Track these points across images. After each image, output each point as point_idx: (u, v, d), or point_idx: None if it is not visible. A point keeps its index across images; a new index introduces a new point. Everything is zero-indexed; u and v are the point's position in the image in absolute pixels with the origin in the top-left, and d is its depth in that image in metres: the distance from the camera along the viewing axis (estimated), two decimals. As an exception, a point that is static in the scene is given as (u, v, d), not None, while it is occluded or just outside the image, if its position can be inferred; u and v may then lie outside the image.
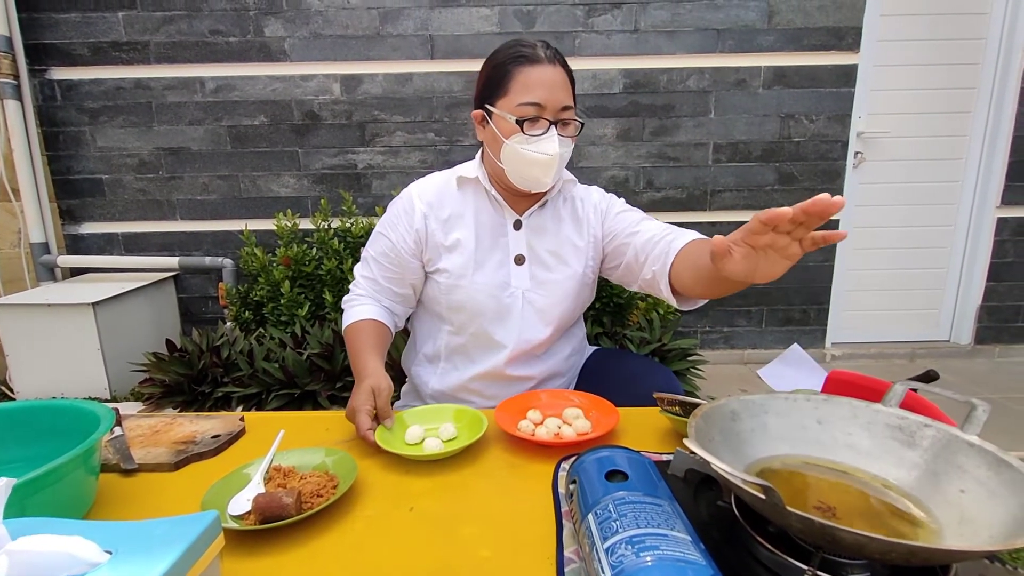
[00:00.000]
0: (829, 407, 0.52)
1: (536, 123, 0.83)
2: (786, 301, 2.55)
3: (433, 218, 0.93)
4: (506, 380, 0.97)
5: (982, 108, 2.46)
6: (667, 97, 2.32)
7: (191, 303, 2.44)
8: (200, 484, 0.63)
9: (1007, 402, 2.12)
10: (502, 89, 0.85)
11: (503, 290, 0.93)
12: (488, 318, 0.93)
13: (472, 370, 0.97)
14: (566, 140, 0.86)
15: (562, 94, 0.84)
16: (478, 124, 0.92)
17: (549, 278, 0.95)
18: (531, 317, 0.94)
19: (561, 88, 0.84)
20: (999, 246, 2.51)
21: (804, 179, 2.42)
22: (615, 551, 0.41)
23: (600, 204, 0.99)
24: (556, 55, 0.85)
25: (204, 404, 1.73)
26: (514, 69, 0.83)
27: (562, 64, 0.86)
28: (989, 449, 0.41)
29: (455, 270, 0.92)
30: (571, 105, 0.86)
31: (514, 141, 0.84)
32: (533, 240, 0.95)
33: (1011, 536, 0.33)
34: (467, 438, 0.72)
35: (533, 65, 0.83)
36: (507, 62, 0.84)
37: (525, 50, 0.84)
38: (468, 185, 0.94)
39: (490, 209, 0.94)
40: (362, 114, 2.28)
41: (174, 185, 2.33)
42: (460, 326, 0.96)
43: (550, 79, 0.83)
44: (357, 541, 0.56)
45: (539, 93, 0.82)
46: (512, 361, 0.96)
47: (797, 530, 0.35)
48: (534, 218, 0.95)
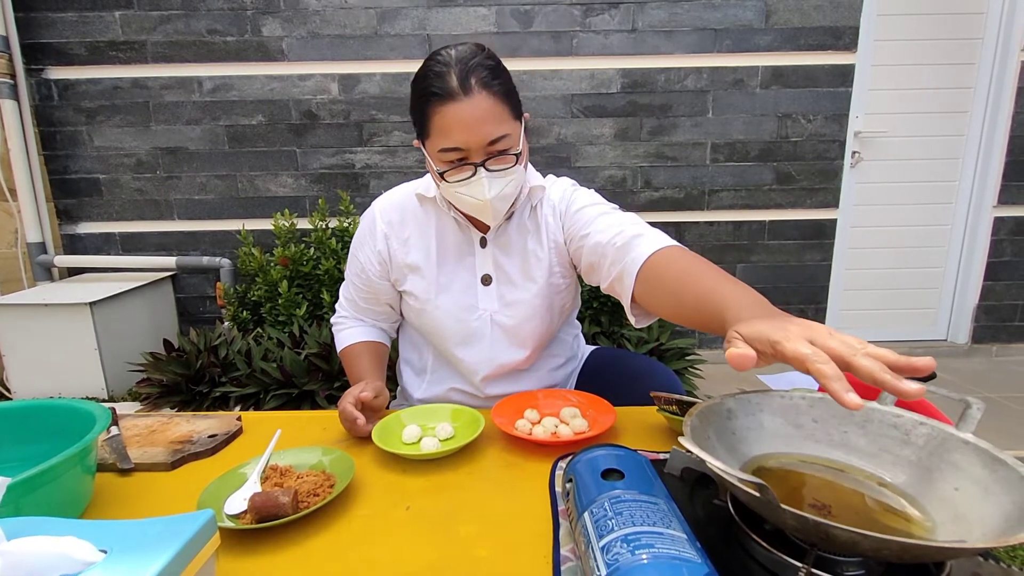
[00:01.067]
0: (825, 405, 0.52)
1: (461, 168, 0.75)
2: (784, 301, 2.55)
3: (395, 238, 0.88)
4: (490, 399, 0.93)
5: (979, 108, 2.47)
6: (665, 97, 2.32)
7: (189, 303, 2.43)
8: (197, 484, 0.62)
9: (1005, 401, 2.13)
10: (424, 129, 0.76)
11: (470, 313, 0.87)
12: (455, 342, 0.88)
13: (456, 386, 0.95)
14: (502, 174, 0.75)
15: (488, 127, 0.72)
16: None
17: (517, 298, 0.87)
18: (502, 340, 0.88)
19: (486, 121, 0.72)
20: (996, 245, 2.52)
21: (802, 179, 2.42)
22: (610, 549, 0.41)
23: (559, 205, 0.87)
24: (478, 78, 0.71)
25: (202, 404, 1.72)
26: (428, 109, 0.73)
27: (486, 85, 0.72)
28: (984, 447, 0.41)
29: (419, 293, 0.88)
30: (503, 134, 0.73)
31: (446, 187, 0.78)
32: (500, 258, 0.87)
33: (1004, 533, 0.33)
34: (464, 437, 0.72)
35: (446, 103, 0.71)
36: (422, 99, 0.74)
37: (436, 84, 0.71)
38: (429, 204, 0.88)
39: (453, 227, 0.87)
40: (360, 114, 2.28)
41: (171, 185, 2.33)
42: (436, 346, 0.95)
43: (468, 116, 0.71)
44: (354, 540, 0.55)
45: (459, 136, 0.72)
46: (490, 382, 0.92)
47: (792, 528, 0.35)
48: (500, 233, 0.87)
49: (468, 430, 0.74)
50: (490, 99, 0.72)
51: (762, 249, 2.49)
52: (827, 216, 2.47)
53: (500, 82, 0.74)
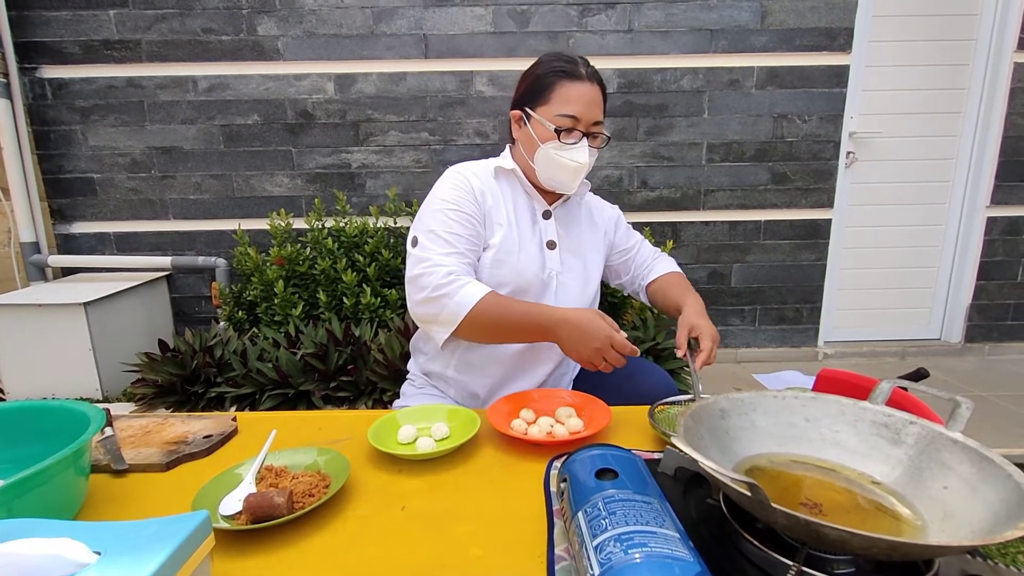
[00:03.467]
0: (817, 405, 0.53)
1: (571, 133, 0.92)
2: (779, 300, 2.56)
3: (488, 194, 0.98)
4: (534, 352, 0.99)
5: (972, 109, 2.48)
6: (661, 97, 2.33)
7: (184, 303, 2.42)
8: (191, 484, 0.62)
9: (997, 400, 2.14)
10: (543, 98, 0.92)
11: (542, 269, 1.00)
12: (532, 295, 0.98)
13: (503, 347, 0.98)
14: (594, 151, 0.95)
15: (596, 110, 0.92)
16: (515, 123, 1.00)
17: (576, 264, 1.03)
18: (563, 296, 1.01)
19: (596, 105, 0.92)
20: (989, 245, 2.54)
21: (797, 179, 2.43)
22: (604, 548, 0.41)
23: (613, 217, 1.14)
24: (595, 74, 0.94)
25: (197, 404, 1.72)
26: (557, 81, 0.91)
27: (599, 83, 0.94)
28: (972, 446, 0.42)
29: (503, 245, 0.96)
30: (602, 120, 0.94)
31: (549, 147, 0.92)
32: (561, 230, 1.03)
33: (991, 532, 0.34)
34: (460, 437, 0.72)
35: (574, 81, 0.91)
36: (551, 73, 0.92)
37: (568, 66, 0.92)
38: (504, 175, 1.01)
39: (524, 198, 1.01)
40: (356, 113, 2.27)
41: (167, 184, 2.32)
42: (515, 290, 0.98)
43: (588, 96, 0.91)
44: (349, 540, 0.56)
45: (577, 107, 0.90)
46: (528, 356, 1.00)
47: (782, 526, 0.36)
48: (559, 211, 1.04)
49: (464, 430, 0.74)
50: (600, 94, 0.94)
51: (757, 249, 2.50)
52: (822, 216, 2.49)
53: (604, 91, 0.95)
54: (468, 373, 1.00)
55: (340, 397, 1.71)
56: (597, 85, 0.93)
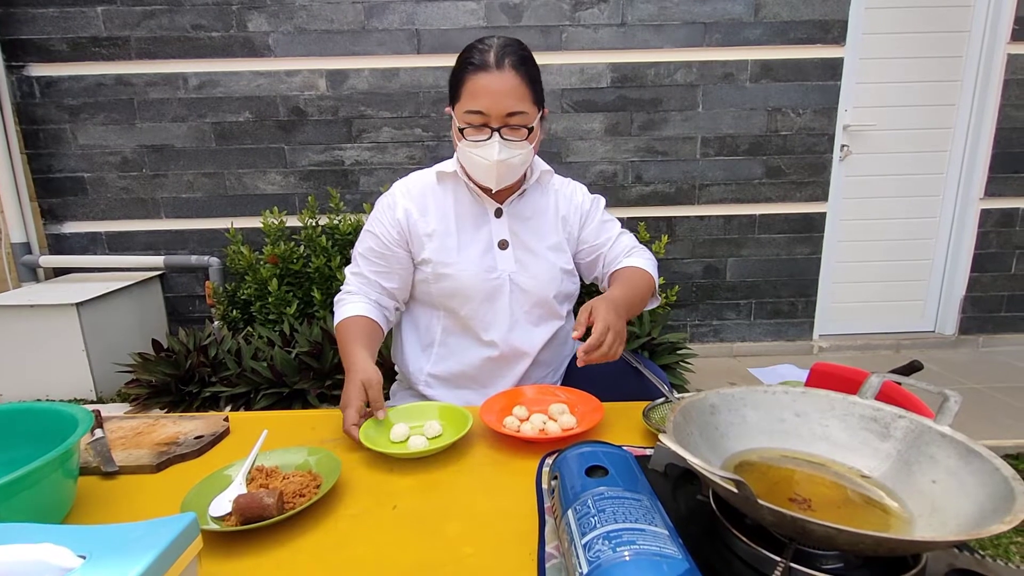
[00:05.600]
0: (807, 400, 0.53)
1: (479, 130, 0.87)
2: (774, 294, 2.57)
3: (415, 210, 0.96)
4: (501, 361, 0.98)
5: (966, 100, 2.48)
6: (655, 91, 2.32)
7: (178, 302, 2.41)
8: (182, 486, 0.62)
9: (990, 391, 2.16)
10: (457, 94, 0.89)
11: (490, 272, 0.96)
12: (478, 300, 0.96)
13: (468, 352, 0.98)
14: (513, 144, 0.88)
15: (508, 100, 0.85)
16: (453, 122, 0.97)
17: (535, 263, 0.98)
18: (521, 299, 0.98)
19: (507, 95, 0.84)
20: (982, 237, 2.55)
21: (791, 172, 2.43)
22: (592, 546, 0.41)
23: (584, 206, 1.03)
24: (512, 60, 0.85)
25: (191, 404, 1.71)
26: (464, 76, 0.86)
27: (516, 67, 0.85)
28: (960, 439, 0.42)
29: (438, 257, 0.95)
30: (521, 110, 0.86)
31: (463, 145, 0.89)
32: (516, 226, 0.98)
33: (977, 526, 0.34)
34: (452, 435, 0.72)
35: (480, 72, 0.84)
36: (460, 68, 0.88)
37: (475, 56, 0.85)
38: (448, 179, 0.98)
39: (469, 199, 0.98)
40: (348, 110, 2.26)
41: (158, 183, 2.30)
42: (453, 311, 0.97)
43: (496, 86, 0.84)
44: (340, 540, 0.55)
45: (482, 101, 0.85)
46: (506, 340, 0.97)
47: (770, 523, 0.36)
48: (514, 206, 0.99)
49: (456, 428, 0.74)
50: (516, 79, 0.85)
51: (752, 243, 2.50)
52: (816, 209, 2.49)
53: (527, 69, 0.87)
54: (439, 388, 1.00)
55: (336, 396, 1.70)
56: (512, 70, 0.84)
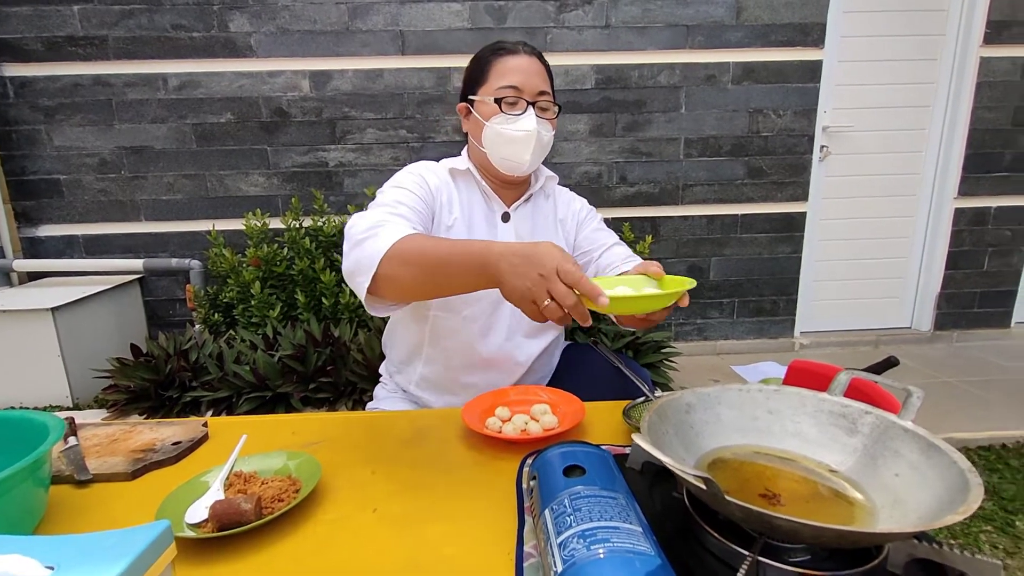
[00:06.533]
0: (780, 397, 0.54)
1: (515, 104, 0.88)
2: (757, 292, 2.61)
3: (444, 194, 0.92)
4: (493, 371, 0.96)
5: (940, 103, 2.55)
6: (639, 93, 2.34)
7: (158, 306, 2.37)
8: (159, 493, 0.61)
9: (964, 385, 2.21)
10: (483, 78, 0.91)
11: None
12: (482, 306, 0.94)
13: (461, 355, 0.95)
14: (544, 121, 0.90)
15: (538, 80, 0.89)
16: (464, 118, 0.97)
17: None
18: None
19: (537, 75, 0.90)
20: (956, 235, 2.61)
21: (772, 173, 2.47)
22: (567, 545, 0.41)
23: (580, 213, 1.05)
24: (534, 50, 0.92)
25: (172, 410, 1.69)
26: (494, 59, 0.90)
27: (539, 58, 0.92)
28: (921, 434, 0.43)
29: None
30: (547, 91, 0.91)
31: (494, 122, 0.89)
32: (522, 232, 0.97)
33: (936, 517, 0.35)
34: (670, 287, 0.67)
35: (511, 55, 0.89)
36: (487, 55, 0.92)
37: (504, 44, 0.91)
38: (459, 177, 0.96)
39: (481, 201, 0.96)
40: (332, 111, 2.24)
41: (137, 185, 2.26)
42: (454, 311, 0.92)
43: (526, 66, 0.89)
44: (319, 545, 0.55)
45: (516, 77, 0.88)
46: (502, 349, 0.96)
47: (738, 518, 0.37)
48: (520, 211, 0.98)
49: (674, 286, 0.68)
50: (541, 66, 0.91)
51: (735, 242, 2.54)
52: (797, 209, 2.53)
53: (547, 66, 0.93)
54: (429, 391, 0.99)
55: (320, 399, 1.69)
56: (536, 59, 0.91)
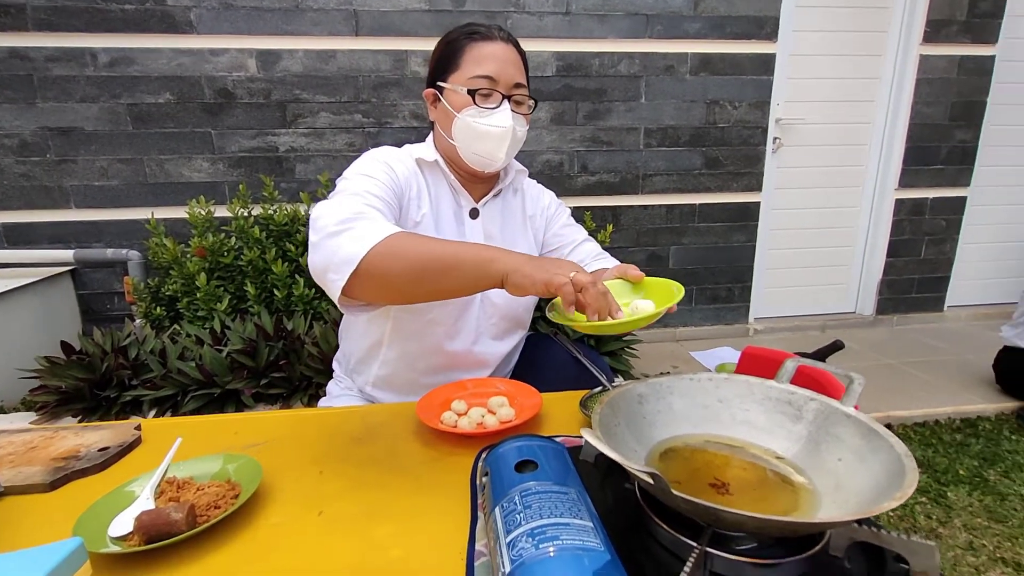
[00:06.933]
0: (729, 386, 0.54)
1: (489, 96, 0.83)
2: (713, 280, 2.68)
3: (414, 187, 0.85)
4: (458, 369, 0.93)
5: (883, 97, 2.67)
6: (599, 81, 2.33)
7: (93, 300, 2.21)
8: (81, 505, 0.56)
9: (902, 366, 2.35)
10: (454, 64, 0.84)
11: None
12: (448, 309, 0.88)
13: (424, 359, 0.91)
14: (520, 116, 0.85)
15: (514, 70, 0.84)
16: (430, 104, 0.90)
17: None
18: (488, 310, 0.92)
19: (513, 65, 0.84)
20: (897, 225, 2.76)
21: (728, 163, 2.53)
22: (516, 544, 0.40)
23: (549, 209, 1.01)
24: (510, 37, 0.86)
25: (110, 410, 1.58)
26: (467, 44, 0.83)
27: (516, 45, 0.86)
28: (862, 419, 0.44)
29: None
30: (524, 83, 0.86)
31: (466, 114, 0.83)
32: (491, 230, 0.92)
33: (873, 502, 0.35)
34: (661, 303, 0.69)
35: (486, 41, 0.83)
36: (460, 38, 0.84)
37: (479, 28, 0.84)
38: (427, 168, 0.89)
39: (449, 195, 0.90)
40: (282, 93, 2.13)
41: (65, 169, 2.09)
42: (415, 311, 0.87)
43: (503, 55, 0.83)
44: (259, 552, 0.52)
45: (491, 67, 0.82)
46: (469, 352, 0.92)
47: (686, 511, 0.36)
48: (489, 207, 0.93)
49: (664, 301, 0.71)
50: (517, 54, 0.85)
51: (693, 232, 2.59)
52: (752, 199, 2.61)
53: (523, 55, 0.87)
54: (387, 391, 0.95)
55: (273, 395, 1.62)
56: (513, 47, 0.84)
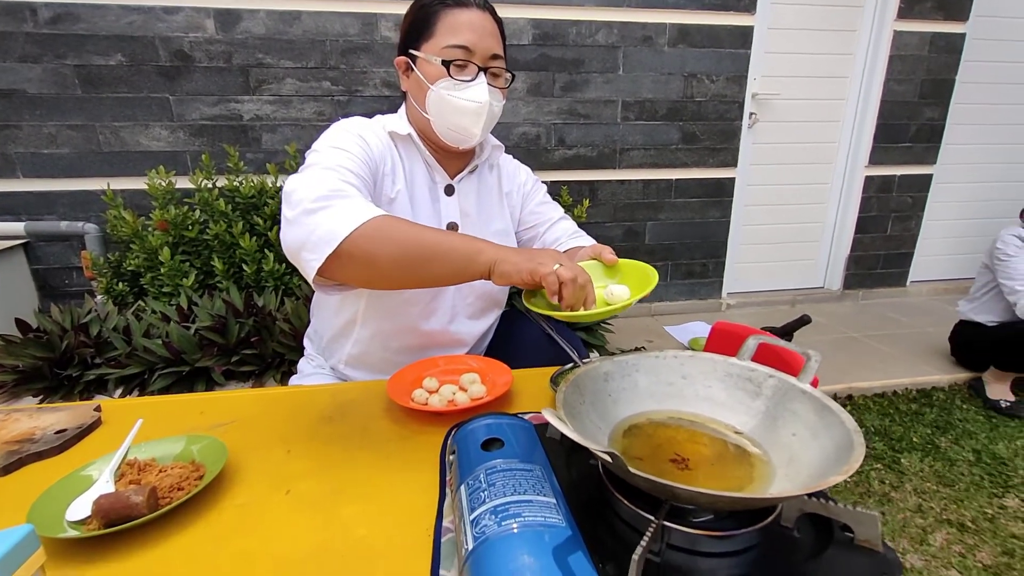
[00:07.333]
0: (693, 363, 0.55)
1: (464, 68, 0.79)
2: (688, 256, 2.72)
3: (388, 161, 0.82)
4: (434, 348, 0.92)
5: (857, 74, 2.69)
6: (577, 51, 2.28)
7: (49, 275, 2.12)
8: (38, 490, 0.55)
9: (866, 339, 2.45)
10: (428, 31, 0.79)
11: None
12: (423, 288, 0.86)
13: (398, 338, 0.90)
14: (496, 91, 0.82)
15: (491, 41, 0.80)
16: (402, 73, 0.85)
17: None
18: (466, 291, 0.91)
19: (490, 35, 0.80)
20: (865, 202, 2.83)
21: (705, 138, 2.53)
22: (479, 522, 0.41)
23: (526, 186, 0.99)
24: (486, 3, 0.81)
25: (73, 390, 1.53)
26: (442, 10, 0.78)
27: (492, 13, 0.82)
28: (816, 395, 0.45)
29: None
30: (501, 55, 0.82)
31: (440, 87, 0.79)
32: (466, 207, 0.90)
33: (823, 476, 0.37)
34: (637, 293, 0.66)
35: (461, 8, 0.78)
36: (434, 3, 0.79)
37: None
38: (400, 142, 0.85)
39: (423, 171, 0.87)
40: (244, 57, 2.02)
41: (9, 136, 1.95)
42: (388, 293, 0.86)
43: (479, 23, 0.79)
44: (223, 533, 0.52)
45: (467, 36, 0.78)
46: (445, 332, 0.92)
47: (644, 488, 0.37)
48: (464, 184, 0.90)
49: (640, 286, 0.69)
50: (494, 23, 0.81)
51: (669, 207, 2.61)
52: (727, 175, 2.62)
53: (500, 24, 0.83)
54: (359, 370, 0.94)
55: (244, 372, 1.60)
56: (490, 15, 0.81)
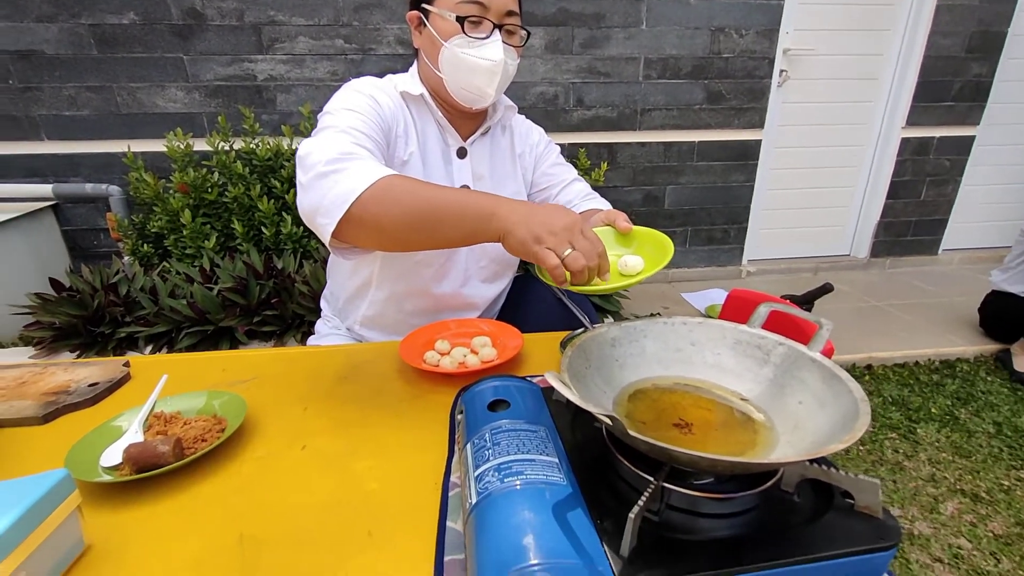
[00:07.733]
0: (702, 330, 0.55)
1: (479, 25, 0.77)
2: (709, 221, 2.65)
3: (401, 122, 0.81)
4: (447, 311, 0.93)
5: (899, 26, 2.50)
6: (597, 4, 2.17)
7: (78, 236, 2.18)
8: (73, 438, 0.59)
9: (890, 309, 2.39)
10: None
11: None
12: (438, 255, 0.87)
13: (412, 300, 0.91)
14: (511, 49, 0.80)
15: None
16: (414, 28, 0.83)
17: None
18: (480, 254, 0.92)
19: None
20: (900, 165, 2.69)
21: (731, 98, 2.42)
22: (483, 478, 0.42)
23: (539, 147, 0.98)
24: None
25: (106, 346, 1.61)
26: None
27: None
28: (826, 364, 0.45)
29: None
30: (516, 11, 0.80)
31: (454, 44, 0.77)
32: (479, 170, 0.89)
33: (826, 443, 0.37)
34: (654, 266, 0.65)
35: None
36: None
37: None
38: (412, 103, 0.84)
39: (436, 132, 0.86)
40: (256, 14, 1.98)
41: (32, 98, 1.98)
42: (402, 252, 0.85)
43: None
44: (243, 484, 0.55)
45: None
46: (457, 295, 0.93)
47: (644, 451, 0.38)
48: (477, 146, 0.89)
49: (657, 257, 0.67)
50: None
51: (691, 171, 2.53)
52: (753, 137, 2.52)
53: None
54: (375, 330, 0.95)
55: (266, 332, 1.65)
56: None
